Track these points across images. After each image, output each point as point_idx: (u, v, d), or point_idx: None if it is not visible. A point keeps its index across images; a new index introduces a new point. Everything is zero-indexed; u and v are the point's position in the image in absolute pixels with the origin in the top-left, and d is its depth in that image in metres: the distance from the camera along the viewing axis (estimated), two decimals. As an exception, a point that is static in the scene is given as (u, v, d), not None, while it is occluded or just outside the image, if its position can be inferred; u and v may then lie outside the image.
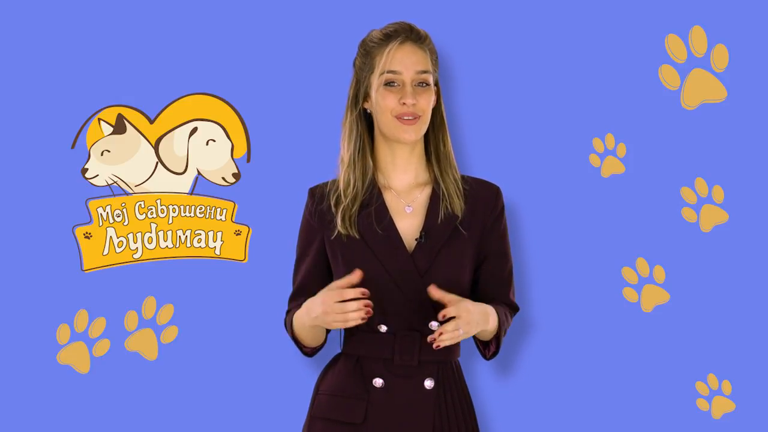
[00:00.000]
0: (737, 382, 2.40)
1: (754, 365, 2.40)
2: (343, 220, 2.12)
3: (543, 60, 2.42)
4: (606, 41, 2.42)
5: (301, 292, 2.19)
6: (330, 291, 1.97)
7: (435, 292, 1.97)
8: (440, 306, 2.00)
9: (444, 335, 1.93)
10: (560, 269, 2.42)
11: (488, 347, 2.17)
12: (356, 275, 1.97)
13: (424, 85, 2.10)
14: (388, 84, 2.09)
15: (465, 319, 1.95)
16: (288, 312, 2.23)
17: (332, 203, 2.16)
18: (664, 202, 2.42)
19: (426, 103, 2.10)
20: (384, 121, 2.11)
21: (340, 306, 1.94)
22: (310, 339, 2.14)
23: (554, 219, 2.42)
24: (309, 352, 2.19)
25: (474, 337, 2.17)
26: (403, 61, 2.08)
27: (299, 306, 2.17)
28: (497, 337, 2.14)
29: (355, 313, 1.94)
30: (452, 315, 1.94)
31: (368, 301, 1.95)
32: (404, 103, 2.07)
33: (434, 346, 1.95)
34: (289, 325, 2.18)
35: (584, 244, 2.42)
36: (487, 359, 2.20)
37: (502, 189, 2.22)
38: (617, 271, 2.42)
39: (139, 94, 2.44)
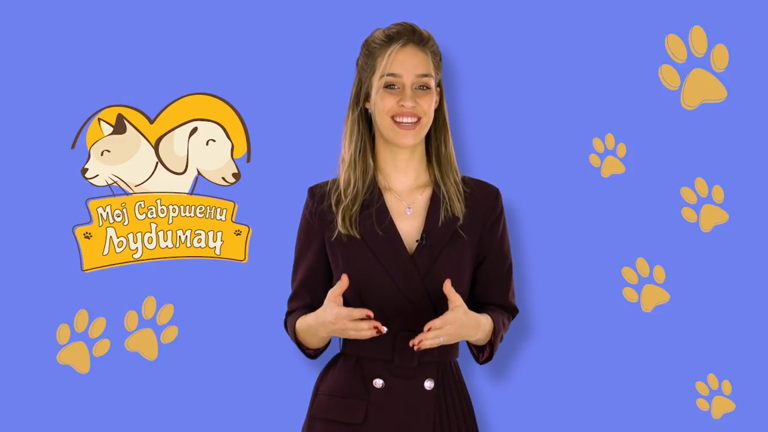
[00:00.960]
0: (737, 382, 2.40)
1: (754, 365, 2.40)
2: (343, 219, 2.12)
3: (543, 60, 2.42)
4: (606, 41, 2.42)
5: (301, 293, 2.19)
6: (339, 310, 1.96)
7: (447, 289, 1.98)
8: (442, 306, 2.01)
9: (425, 341, 1.96)
10: (560, 269, 2.42)
11: (482, 352, 2.17)
12: (344, 282, 1.98)
13: (425, 88, 2.09)
14: (388, 86, 2.08)
15: (447, 331, 1.96)
16: (289, 314, 2.23)
17: (333, 202, 2.15)
18: (664, 202, 2.41)
19: (427, 105, 2.09)
20: (383, 123, 2.10)
21: (353, 324, 1.96)
22: (316, 342, 2.15)
23: (554, 219, 2.42)
24: (313, 354, 2.19)
25: (468, 342, 2.17)
26: (403, 63, 2.07)
27: (300, 308, 2.17)
28: (491, 343, 2.13)
29: (368, 331, 1.96)
30: (437, 326, 1.95)
31: (376, 322, 1.97)
32: (403, 105, 2.07)
33: (415, 348, 1.96)
34: (291, 328, 2.18)
35: (584, 244, 2.42)
36: (480, 363, 2.20)
37: (502, 189, 2.22)
38: (617, 271, 2.42)
39: (139, 94, 2.43)
